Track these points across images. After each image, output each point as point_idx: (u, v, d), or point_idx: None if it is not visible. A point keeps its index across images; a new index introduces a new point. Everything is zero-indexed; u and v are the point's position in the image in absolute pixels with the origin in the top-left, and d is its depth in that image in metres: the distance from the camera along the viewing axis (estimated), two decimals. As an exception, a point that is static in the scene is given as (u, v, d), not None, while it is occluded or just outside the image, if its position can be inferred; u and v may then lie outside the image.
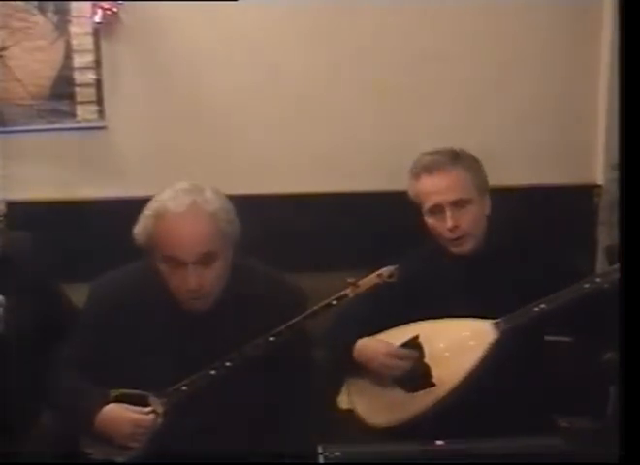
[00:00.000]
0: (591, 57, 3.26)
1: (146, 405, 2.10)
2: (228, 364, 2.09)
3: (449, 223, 2.33)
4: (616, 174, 3.06)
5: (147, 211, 2.10)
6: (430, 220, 2.38)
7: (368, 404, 2.38)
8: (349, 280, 2.10)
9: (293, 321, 2.10)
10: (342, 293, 2.10)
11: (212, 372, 2.10)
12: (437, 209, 2.35)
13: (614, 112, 3.03)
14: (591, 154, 3.33)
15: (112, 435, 2.08)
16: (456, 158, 2.38)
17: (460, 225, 2.33)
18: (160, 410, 2.09)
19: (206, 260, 2.08)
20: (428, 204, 2.37)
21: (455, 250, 2.37)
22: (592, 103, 3.29)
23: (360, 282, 2.10)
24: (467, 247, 2.36)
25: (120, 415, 2.08)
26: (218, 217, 2.10)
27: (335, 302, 2.10)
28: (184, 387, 2.10)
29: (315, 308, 2.11)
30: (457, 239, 2.35)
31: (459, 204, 2.34)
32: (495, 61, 3.22)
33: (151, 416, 2.08)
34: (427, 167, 2.38)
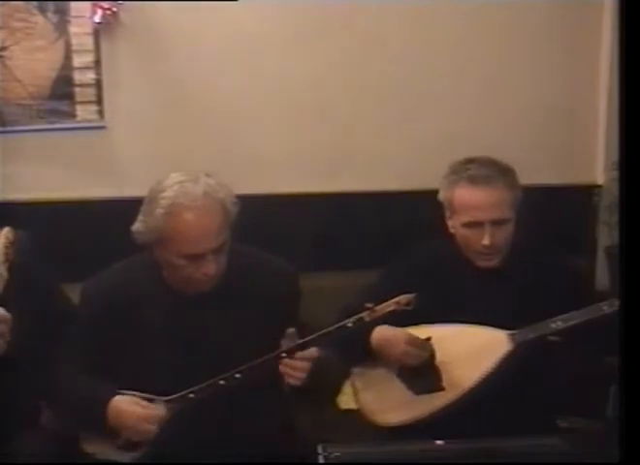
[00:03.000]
0: (590, 57, 3.27)
1: None
2: (237, 376, 2.08)
3: (487, 241, 2.24)
4: (616, 174, 3.06)
5: (158, 209, 2.04)
6: (462, 231, 2.30)
7: (374, 401, 2.34)
8: (367, 305, 2.09)
9: (305, 339, 2.07)
10: (359, 316, 2.09)
11: (221, 382, 2.08)
12: (475, 224, 2.26)
13: (614, 112, 3.04)
14: (591, 154, 3.33)
15: (115, 426, 2.07)
16: (502, 173, 2.28)
17: (496, 242, 2.26)
18: (165, 414, 2.09)
19: (222, 247, 2.09)
20: (465, 218, 2.27)
21: (482, 264, 2.31)
22: (592, 103, 3.29)
23: (377, 307, 2.09)
24: (495, 262, 2.30)
25: (127, 408, 2.06)
26: (226, 201, 2.08)
27: (350, 324, 2.09)
28: (191, 395, 2.09)
29: (330, 329, 2.09)
30: (488, 254, 2.29)
31: (499, 223, 2.26)
32: (495, 62, 3.22)
33: (158, 411, 2.07)
34: (472, 178, 2.26)
